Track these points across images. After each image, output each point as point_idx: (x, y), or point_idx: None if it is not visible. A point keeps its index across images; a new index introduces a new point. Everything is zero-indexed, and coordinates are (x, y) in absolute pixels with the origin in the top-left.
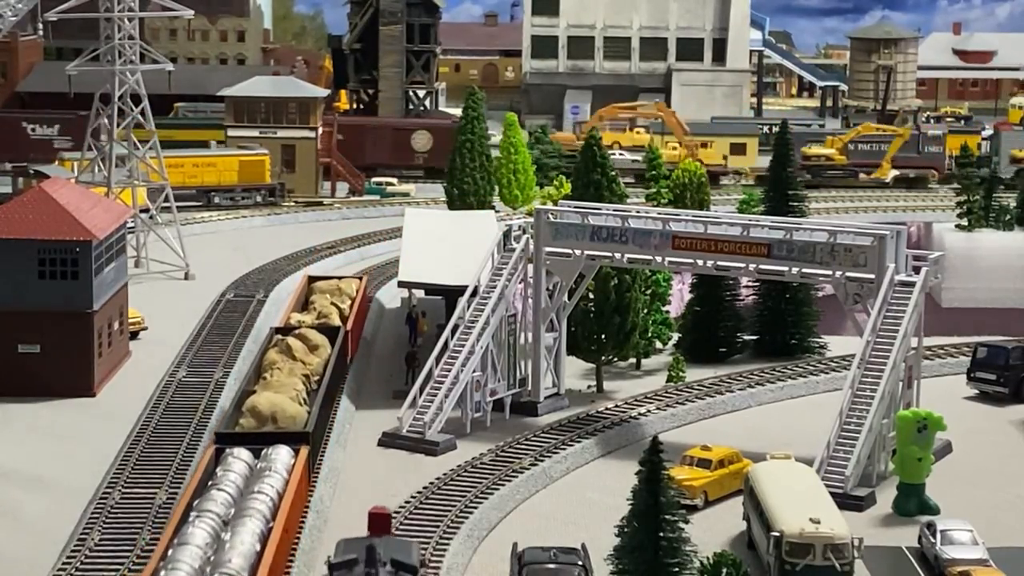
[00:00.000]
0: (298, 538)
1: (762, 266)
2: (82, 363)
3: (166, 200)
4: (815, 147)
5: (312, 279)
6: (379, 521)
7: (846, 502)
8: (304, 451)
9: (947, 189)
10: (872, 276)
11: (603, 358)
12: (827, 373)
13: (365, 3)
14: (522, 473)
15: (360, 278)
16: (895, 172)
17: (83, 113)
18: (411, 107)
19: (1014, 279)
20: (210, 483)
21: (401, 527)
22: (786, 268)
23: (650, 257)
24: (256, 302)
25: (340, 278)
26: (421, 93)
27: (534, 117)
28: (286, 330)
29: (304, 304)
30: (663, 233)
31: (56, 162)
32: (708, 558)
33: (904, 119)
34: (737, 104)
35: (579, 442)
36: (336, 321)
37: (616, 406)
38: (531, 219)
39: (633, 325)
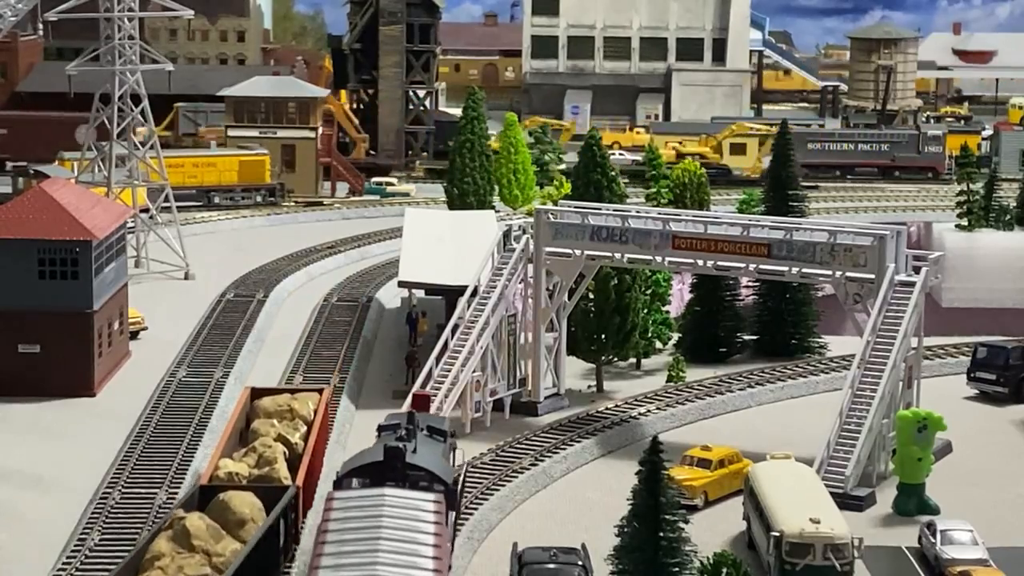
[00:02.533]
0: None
1: (762, 266)
2: (82, 363)
3: (166, 200)
4: (689, 144)
5: (256, 394)
6: (420, 401)
7: (846, 502)
8: None
9: (947, 189)
10: (872, 276)
11: (603, 358)
12: (827, 373)
13: (365, 3)
14: (522, 473)
15: (320, 390)
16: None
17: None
18: (411, 107)
19: (1014, 279)
20: None
21: None
22: (786, 268)
23: (650, 257)
24: (256, 302)
25: (293, 391)
26: (421, 93)
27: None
28: (210, 489)
29: (243, 433)
30: (663, 233)
31: (56, 162)
32: (708, 558)
33: (904, 119)
34: (737, 104)
35: (579, 442)
36: (280, 471)
37: (616, 406)
38: (531, 219)
39: (633, 325)
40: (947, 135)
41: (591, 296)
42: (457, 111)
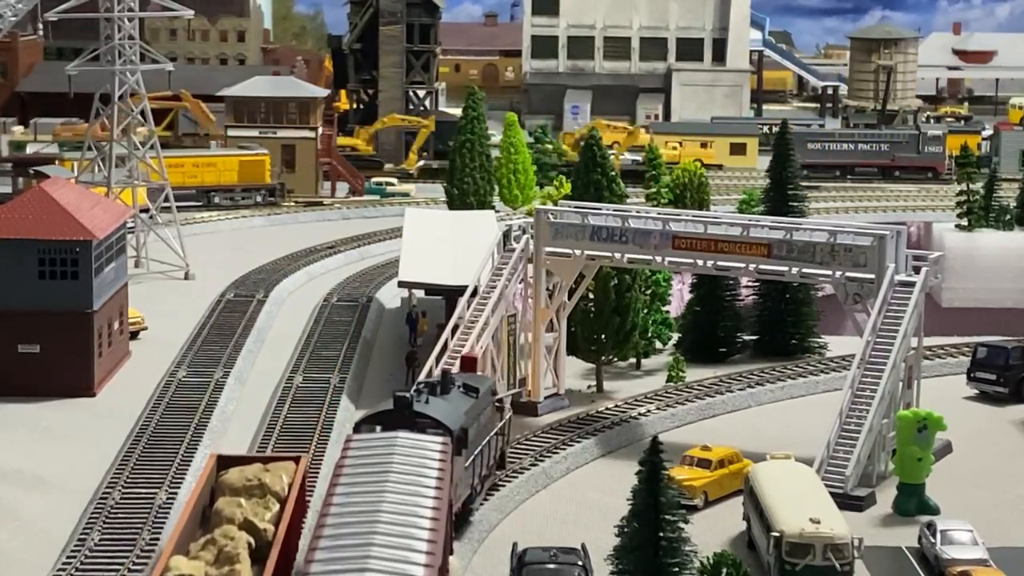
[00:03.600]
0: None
1: (762, 266)
2: (82, 363)
3: (166, 200)
4: (344, 137)
5: (223, 462)
6: (468, 362)
7: (846, 502)
8: None
9: (947, 189)
10: (872, 276)
11: (603, 358)
12: (827, 373)
13: (365, 3)
14: (522, 473)
15: (297, 459)
16: (422, 163)
17: None
18: (411, 107)
19: (1014, 279)
20: None
21: None
22: (786, 268)
23: (650, 257)
24: (256, 302)
25: (267, 460)
26: (421, 93)
27: (534, 117)
28: None
29: (206, 511)
30: (663, 233)
31: (56, 162)
32: (708, 558)
33: (904, 119)
34: (737, 104)
35: (579, 442)
36: (243, 573)
37: (616, 406)
38: (531, 219)
39: (633, 325)
40: (947, 135)
41: (591, 296)
42: (457, 111)
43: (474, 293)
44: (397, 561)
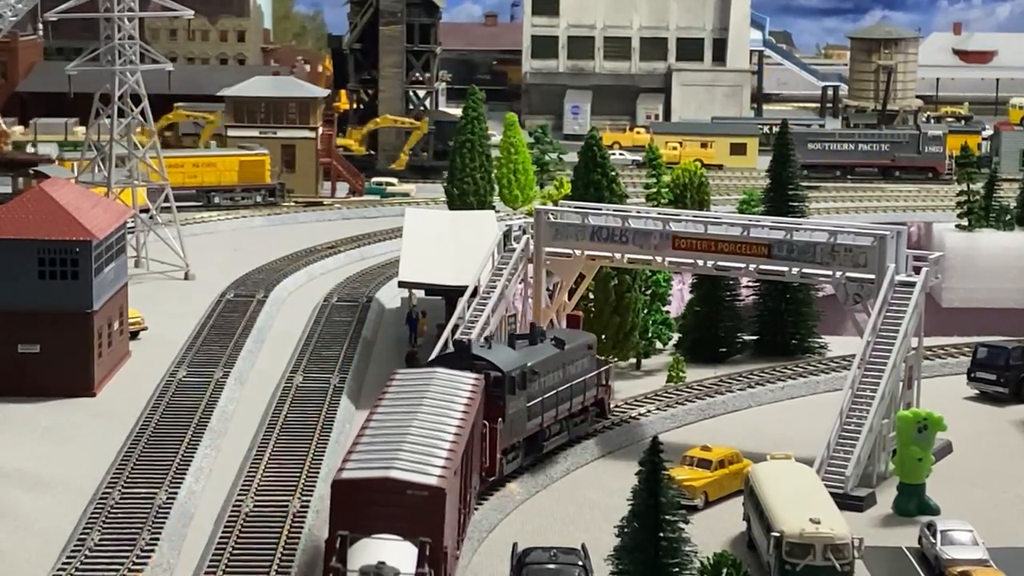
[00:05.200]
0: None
1: (762, 266)
2: (82, 363)
3: (166, 200)
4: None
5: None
6: (573, 320)
7: (846, 502)
8: None
9: (947, 189)
10: (872, 276)
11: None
12: (827, 373)
13: (365, 3)
14: (522, 473)
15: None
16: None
17: None
18: (411, 107)
19: (1014, 279)
20: None
21: None
22: (786, 268)
23: (650, 257)
24: (256, 302)
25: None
26: (421, 93)
27: (534, 117)
28: None
29: None
30: (663, 233)
31: (56, 162)
32: (708, 558)
33: (904, 119)
34: (737, 104)
35: (579, 442)
36: None
37: (616, 406)
38: (531, 219)
39: (633, 325)
40: (947, 135)
41: (591, 296)
42: (457, 111)
43: (474, 293)
44: (419, 463)
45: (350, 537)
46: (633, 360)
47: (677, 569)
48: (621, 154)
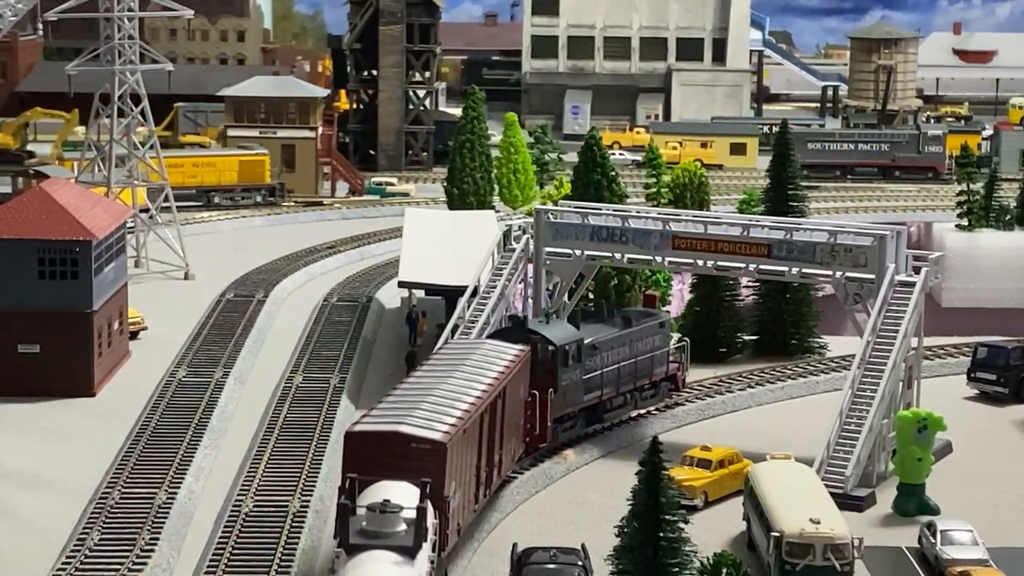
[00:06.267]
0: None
1: (762, 266)
2: (82, 363)
3: (166, 200)
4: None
5: None
6: (649, 299)
7: (846, 502)
8: None
9: (947, 189)
10: (872, 276)
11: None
12: (827, 373)
13: (365, 3)
14: (522, 473)
15: None
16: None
17: None
18: (411, 107)
19: (1014, 279)
20: None
21: None
22: (786, 268)
23: (650, 257)
24: (256, 302)
25: None
26: (421, 93)
27: (534, 117)
28: None
29: None
30: (663, 233)
31: (56, 162)
32: (708, 558)
33: (904, 119)
34: (737, 104)
35: (579, 442)
36: None
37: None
38: (531, 219)
39: None
40: (947, 135)
41: (591, 296)
42: (457, 111)
43: (474, 293)
44: (429, 421)
45: (359, 480)
46: None
47: (677, 569)
48: (621, 154)
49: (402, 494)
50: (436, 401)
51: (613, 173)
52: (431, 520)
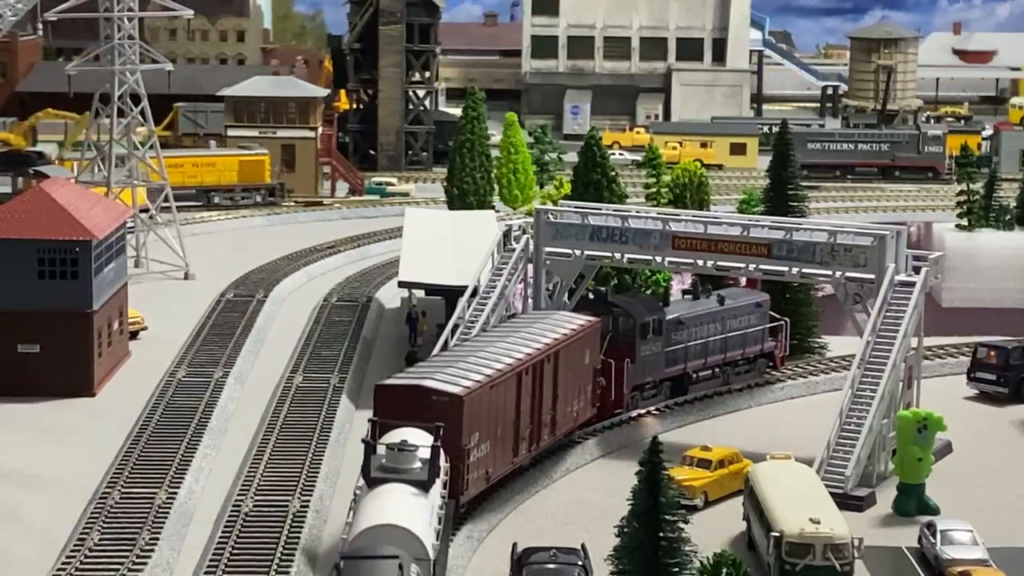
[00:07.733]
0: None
1: (762, 266)
2: (82, 363)
3: (166, 200)
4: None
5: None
6: (751, 283)
7: (846, 502)
8: None
9: (947, 189)
10: (872, 276)
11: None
12: (827, 373)
13: (365, 3)
14: (522, 473)
15: None
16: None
17: None
18: (411, 107)
19: (1014, 279)
20: None
21: None
22: (786, 268)
23: (650, 257)
24: (256, 302)
25: None
26: (421, 93)
27: (534, 117)
28: None
29: None
30: (663, 233)
31: (56, 162)
32: (708, 558)
33: (904, 119)
34: (737, 104)
35: (579, 442)
36: None
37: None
38: (531, 219)
39: None
40: (947, 135)
41: (591, 296)
42: (457, 111)
43: (474, 293)
44: (458, 377)
45: (381, 424)
46: None
47: (677, 569)
48: (621, 154)
49: (417, 436)
50: (473, 361)
51: (613, 173)
52: (443, 462)
